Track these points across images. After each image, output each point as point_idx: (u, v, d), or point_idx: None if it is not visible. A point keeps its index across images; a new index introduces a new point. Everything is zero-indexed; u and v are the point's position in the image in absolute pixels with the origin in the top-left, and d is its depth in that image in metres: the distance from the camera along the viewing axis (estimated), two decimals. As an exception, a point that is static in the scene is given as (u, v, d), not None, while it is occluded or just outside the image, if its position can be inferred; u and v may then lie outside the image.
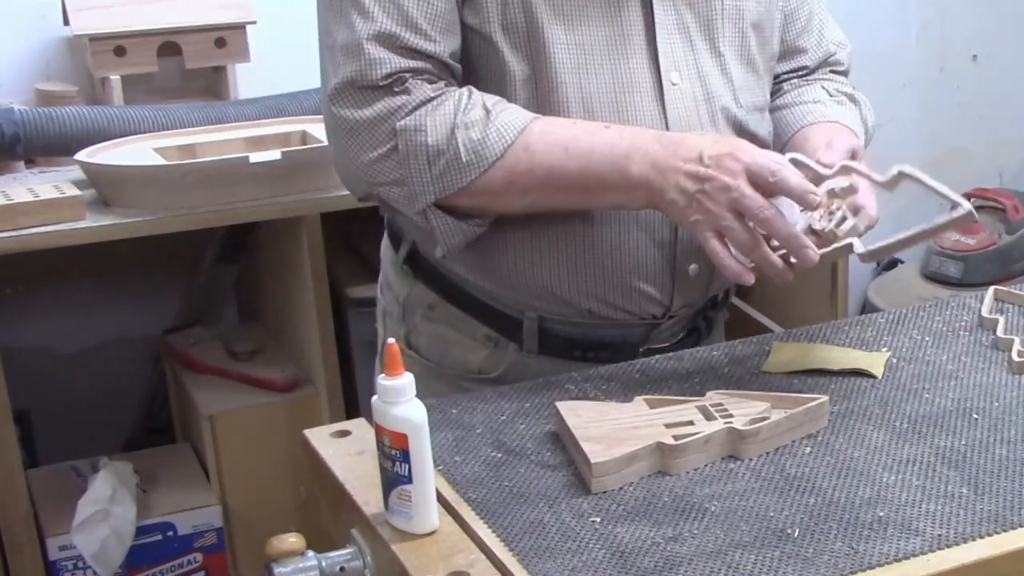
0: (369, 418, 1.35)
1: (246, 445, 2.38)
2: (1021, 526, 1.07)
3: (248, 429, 2.38)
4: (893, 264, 3.26)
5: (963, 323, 1.50)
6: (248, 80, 2.53)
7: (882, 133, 3.25)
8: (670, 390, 1.35)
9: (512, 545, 1.08)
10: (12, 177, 2.37)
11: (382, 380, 1.09)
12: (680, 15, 1.42)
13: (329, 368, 2.31)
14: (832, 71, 1.63)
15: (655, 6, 1.41)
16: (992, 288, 1.56)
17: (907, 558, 1.03)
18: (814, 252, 1.27)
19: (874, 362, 1.39)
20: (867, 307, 3.07)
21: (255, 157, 2.14)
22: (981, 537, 1.06)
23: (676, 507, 1.13)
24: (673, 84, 1.42)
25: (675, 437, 1.19)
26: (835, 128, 1.50)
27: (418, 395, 1.50)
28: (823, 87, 1.59)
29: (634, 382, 1.38)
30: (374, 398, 1.10)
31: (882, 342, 1.45)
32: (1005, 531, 1.07)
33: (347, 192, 1.47)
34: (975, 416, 1.27)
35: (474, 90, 1.37)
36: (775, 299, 2.73)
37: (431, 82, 1.36)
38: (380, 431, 1.10)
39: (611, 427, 1.21)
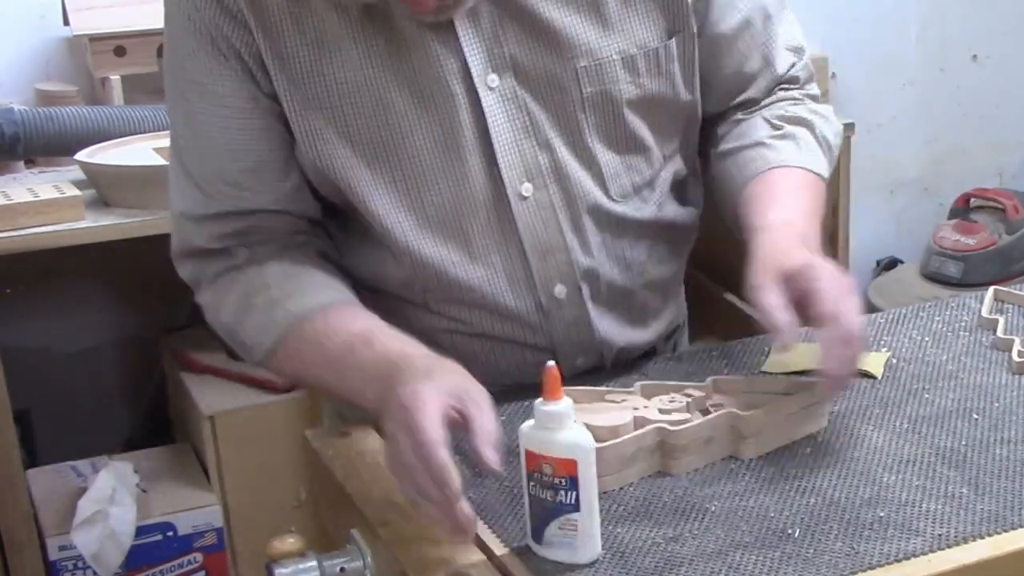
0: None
1: (246, 445, 2.38)
2: (1021, 526, 1.07)
3: (248, 429, 2.38)
4: (893, 264, 3.26)
5: (963, 323, 1.49)
6: (248, 80, 2.53)
7: (882, 133, 3.27)
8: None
9: (512, 545, 1.08)
10: (12, 177, 2.37)
11: (542, 406, 1.03)
12: (531, 115, 1.28)
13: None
14: (783, 88, 1.45)
15: (489, 115, 1.27)
16: (992, 288, 1.56)
17: (907, 558, 1.03)
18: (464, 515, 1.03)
19: (874, 362, 1.39)
20: (867, 307, 3.07)
21: (255, 157, 2.13)
22: (981, 537, 1.06)
23: (676, 507, 1.13)
24: (524, 196, 1.29)
25: (672, 424, 1.19)
26: (775, 197, 1.32)
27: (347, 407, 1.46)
28: (764, 118, 1.41)
29: (633, 383, 1.38)
30: (526, 425, 1.04)
31: (882, 342, 1.45)
32: (1005, 531, 1.07)
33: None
34: (975, 416, 1.27)
35: (280, 268, 1.30)
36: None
37: (257, 239, 1.31)
38: (537, 460, 1.03)
39: (608, 421, 1.20)
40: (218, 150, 1.29)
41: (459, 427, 1.06)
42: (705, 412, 1.24)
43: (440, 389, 1.07)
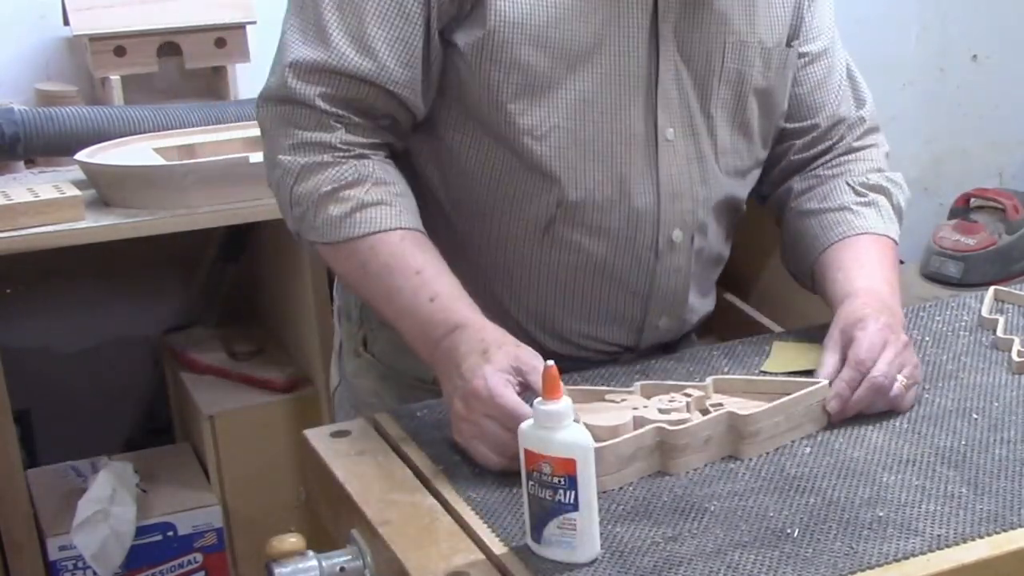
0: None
1: (246, 445, 2.38)
2: (1021, 526, 1.07)
3: (248, 429, 2.38)
4: (893, 264, 3.25)
5: (963, 323, 1.50)
6: (248, 80, 2.53)
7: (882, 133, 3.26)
8: (670, 390, 1.36)
9: (512, 545, 1.08)
10: (12, 177, 2.37)
11: (541, 405, 1.04)
12: (678, 71, 1.38)
13: (329, 368, 2.31)
14: (857, 140, 1.55)
15: (661, 60, 1.37)
16: (992, 288, 1.56)
17: (907, 558, 1.03)
18: None
19: (874, 362, 1.38)
20: (867, 307, 3.07)
21: (255, 157, 2.14)
22: (981, 537, 1.06)
23: (676, 507, 1.13)
24: (667, 140, 1.39)
25: (671, 424, 1.19)
26: (861, 262, 1.45)
27: (372, 398, 1.51)
28: (848, 184, 1.51)
29: (634, 383, 1.38)
30: (525, 425, 1.05)
31: (882, 342, 1.45)
32: (1005, 531, 1.07)
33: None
34: (975, 416, 1.27)
35: (371, 169, 1.34)
36: (775, 299, 2.73)
37: (356, 121, 1.34)
38: (537, 459, 1.03)
39: (606, 421, 1.20)
40: (366, 11, 1.31)
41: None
42: (705, 412, 1.24)
43: (501, 368, 1.20)
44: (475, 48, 1.32)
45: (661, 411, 1.22)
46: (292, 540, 1.13)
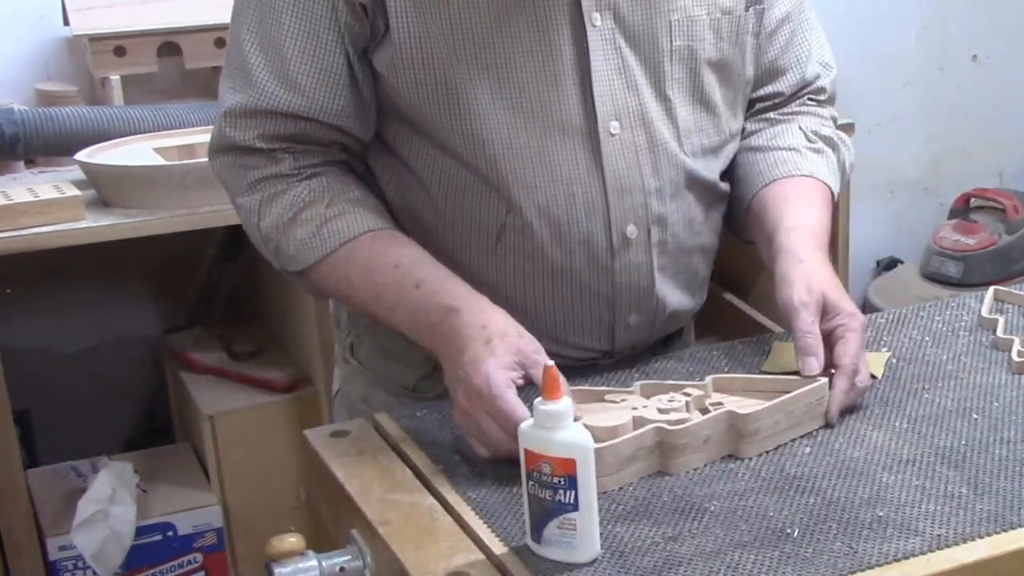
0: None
1: (246, 445, 2.38)
2: (1021, 526, 1.07)
3: (248, 429, 2.38)
4: (893, 264, 3.26)
5: (963, 323, 1.50)
6: (248, 80, 2.53)
7: (882, 133, 3.27)
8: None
9: (512, 545, 1.08)
10: (12, 177, 2.37)
11: (541, 405, 1.03)
12: (623, 58, 1.34)
13: (329, 368, 2.31)
14: (813, 99, 1.53)
15: (591, 50, 1.33)
16: (992, 288, 1.56)
17: (906, 558, 1.03)
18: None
19: (874, 362, 1.39)
20: (867, 307, 3.07)
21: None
22: (981, 537, 1.06)
23: (676, 507, 1.13)
24: (612, 134, 1.35)
25: (671, 423, 1.19)
26: (805, 202, 1.42)
27: (361, 404, 1.50)
28: (801, 128, 1.49)
29: (633, 382, 1.38)
30: (525, 425, 1.05)
31: (882, 342, 1.45)
32: (1005, 531, 1.07)
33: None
34: (975, 416, 1.27)
35: (329, 182, 1.34)
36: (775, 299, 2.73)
37: (301, 148, 1.34)
38: (537, 459, 1.03)
39: (606, 422, 1.20)
40: (286, 49, 1.32)
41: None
42: (704, 411, 1.24)
43: (504, 364, 1.20)
44: (391, 68, 1.31)
45: (660, 411, 1.22)
46: (292, 540, 1.13)
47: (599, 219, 1.36)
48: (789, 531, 1.08)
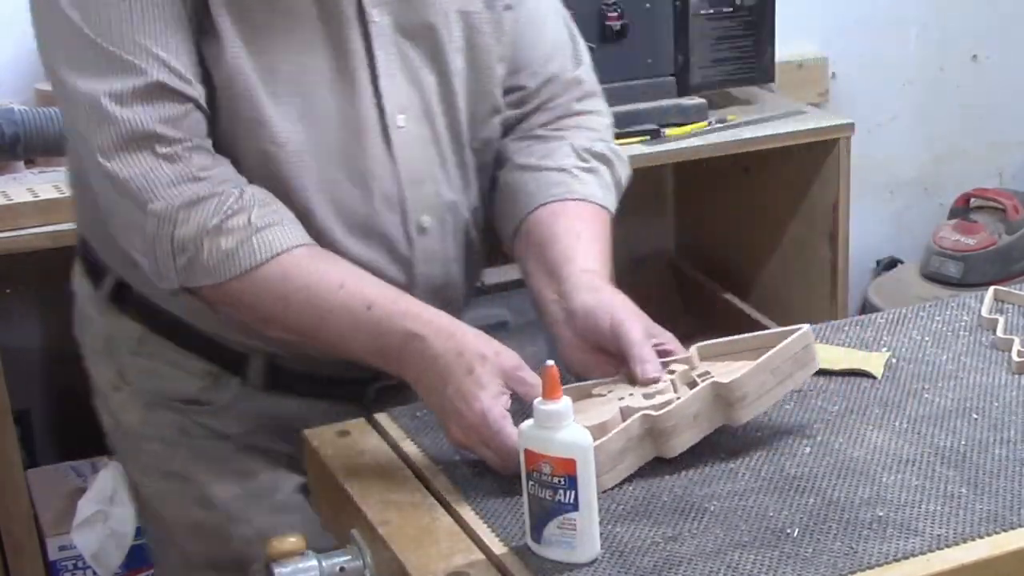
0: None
1: (246, 445, 2.37)
2: (1021, 526, 1.07)
3: (248, 429, 2.38)
4: (893, 264, 3.26)
5: (963, 323, 1.49)
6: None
7: (882, 133, 3.27)
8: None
9: (511, 544, 1.08)
10: (12, 177, 2.36)
11: (541, 405, 1.03)
12: (403, 52, 1.34)
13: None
14: (578, 109, 1.48)
15: (375, 47, 1.32)
16: (992, 288, 1.56)
17: (906, 558, 1.03)
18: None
19: (874, 362, 1.39)
20: (867, 307, 3.07)
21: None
22: (980, 537, 1.06)
23: (675, 507, 1.13)
24: (399, 127, 1.34)
25: (656, 408, 1.17)
26: (577, 232, 1.38)
27: (138, 427, 1.48)
28: (572, 146, 1.44)
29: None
30: (525, 425, 1.05)
31: (882, 342, 1.45)
32: (1005, 531, 1.07)
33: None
34: (975, 416, 1.27)
35: (250, 193, 1.26)
36: (775, 299, 2.73)
37: (198, 142, 1.25)
38: (536, 459, 1.03)
39: (594, 420, 1.18)
40: (147, 21, 1.22)
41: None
42: (692, 384, 1.22)
43: (494, 393, 1.17)
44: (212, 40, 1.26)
45: (646, 396, 1.21)
46: (292, 540, 1.13)
47: (396, 211, 1.36)
48: (789, 531, 1.08)
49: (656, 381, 1.23)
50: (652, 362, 1.24)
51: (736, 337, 1.29)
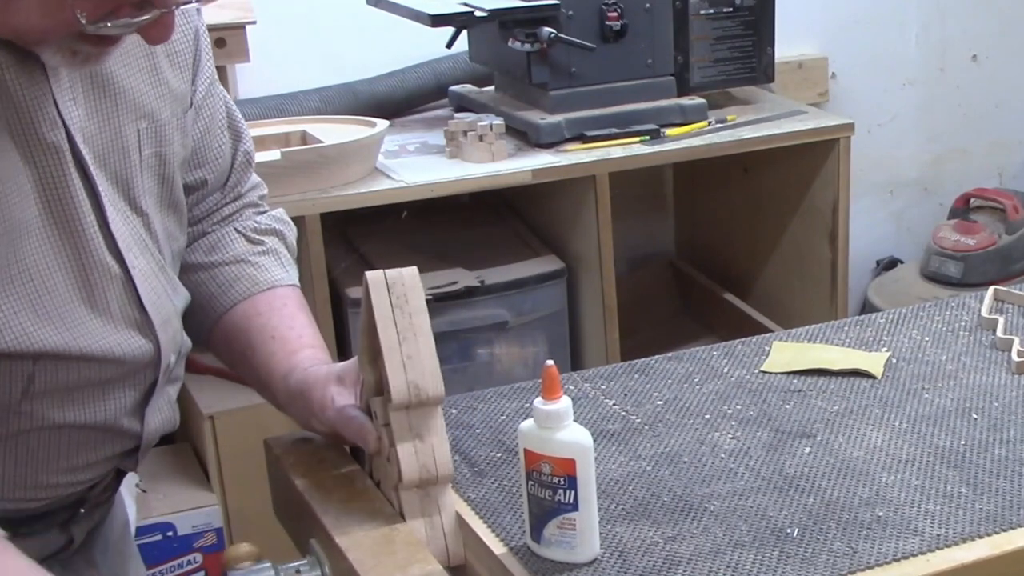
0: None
1: (246, 445, 2.37)
2: (1020, 526, 1.07)
3: (248, 429, 2.37)
4: (893, 264, 3.26)
5: (963, 323, 1.50)
6: (248, 80, 2.53)
7: (882, 133, 3.27)
8: (670, 390, 1.36)
9: (511, 544, 1.08)
10: (12, 177, 2.36)
11: (541, 405, 1.03)
12: (97, 184, 1.14)
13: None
14: (238, 191, 1.38)
15: (72, 189, 1.12)
16: (992, 288, 1.56)
17: (906, 558, 1.03)
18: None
19: (874, 362, 1.39)
20: (867, 307, 3.07)
21: (257, 157, 2.14)
22: (980, 537, 1.06)
23: (675, 507, 1.13)
24: (135, 267, 1.17)
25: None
26: (289, 325, 1.32)
27: None
28: (238, 231, 1.35)
29: (634, 382, 1.38)
30: (525, 424, 1.05)
31: (882, 342, 1.45)
32: (1004, 531, 1.07)
33: (347, 192, 1.44)
34: (975, 416, 1.27)
35: None
36: (775, 299, 2.73)
37: None
38: (537, 459, 1.03)
39: None
40: None
41: None
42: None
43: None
44: None
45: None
46: (246, 548, 1.13)
47: (150, 363, 1.21)
48: (789, 531, 1.08)
49: (380, 446, 1.17)
50: (366, 434, 1.18)
51: None
